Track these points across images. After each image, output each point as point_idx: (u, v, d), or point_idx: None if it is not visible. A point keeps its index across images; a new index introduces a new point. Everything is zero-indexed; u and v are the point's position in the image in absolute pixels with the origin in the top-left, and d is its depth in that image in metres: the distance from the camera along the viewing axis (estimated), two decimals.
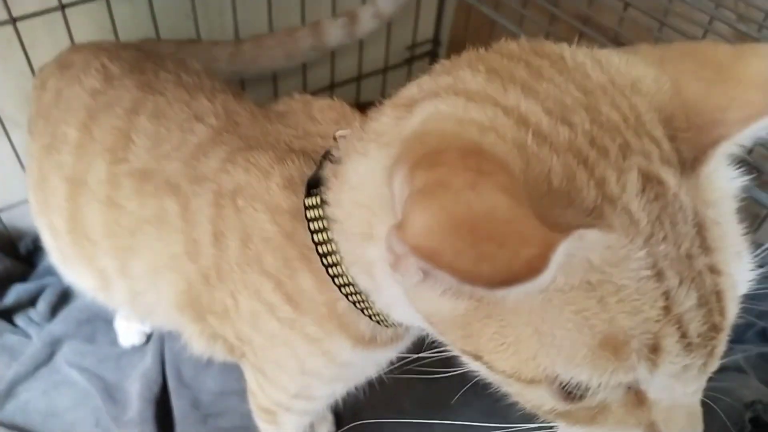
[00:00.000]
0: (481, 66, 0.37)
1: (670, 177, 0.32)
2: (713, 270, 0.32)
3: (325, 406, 0.72)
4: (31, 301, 1.07)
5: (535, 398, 0.36)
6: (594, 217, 0.30)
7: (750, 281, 0.34)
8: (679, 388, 0.34)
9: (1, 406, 0.95)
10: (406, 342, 0.58)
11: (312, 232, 0.47)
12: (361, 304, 0.48)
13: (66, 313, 1.07)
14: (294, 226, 0.50)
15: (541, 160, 0.31)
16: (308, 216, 0.47)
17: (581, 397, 0.34)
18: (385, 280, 0.42)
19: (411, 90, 0.40)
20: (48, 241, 0.75)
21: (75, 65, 0.72)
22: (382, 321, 0.50)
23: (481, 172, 0.28)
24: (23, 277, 1.10)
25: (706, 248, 0.32)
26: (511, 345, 0.33)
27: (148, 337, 1.05)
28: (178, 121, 0.62)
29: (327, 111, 0.60)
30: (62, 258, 0.74)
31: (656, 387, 0.34)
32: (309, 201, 0.47)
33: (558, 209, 0.30)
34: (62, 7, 0.90)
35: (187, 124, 0.61)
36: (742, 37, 0.88)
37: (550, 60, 0.36)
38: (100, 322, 1.07)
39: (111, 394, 0.97)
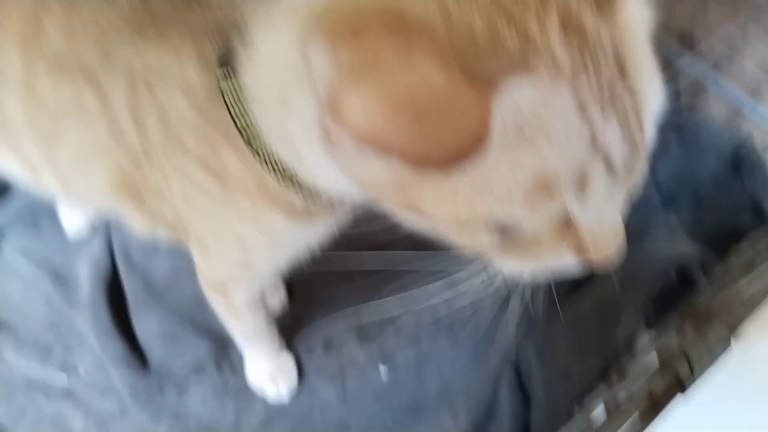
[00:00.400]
0: None
1: (588, 19, 0.32)
2: (631, 91, 0.33)
3: (272, 274, 0.72)
4: None
5: (471, 237, 0.37)
6: (520, 66, 0.31)
7: (662, 101, 0.36)
8: (604, 210, 0.36)
9: None
10: (344, 210, 0.58)
11: (228, 107, 0.46)
12: (286, 177, 0.48)
13: (6, 205, 1.05)
14: (212, 104, 0.48)
15: (464, 19, 0.30)
16: (222, 90, 0.46)
17: (515, 230, 0.36)
18: (310, 152, 0.41)
19: None
20: None
21: None
22: (311, 193, 0.50)
23: (409, 41, 0.28)
24: None
25: (623, 72, 0.33)
26: (449, 194, 0.34)
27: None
28: (92, 1, 0.58)
29: None
30: None
31: (583, 213, 0.36)
32: (221, 74, 0.46)
33: (484, 63, 0.30)
34: None
35: (101, 5, 0.58)
36: None
37: None
38: (42, 211, 1.05)
39: (60, 277, 0.98)
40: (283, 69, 0.39)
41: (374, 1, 0.31)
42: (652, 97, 0.35)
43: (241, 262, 0.65)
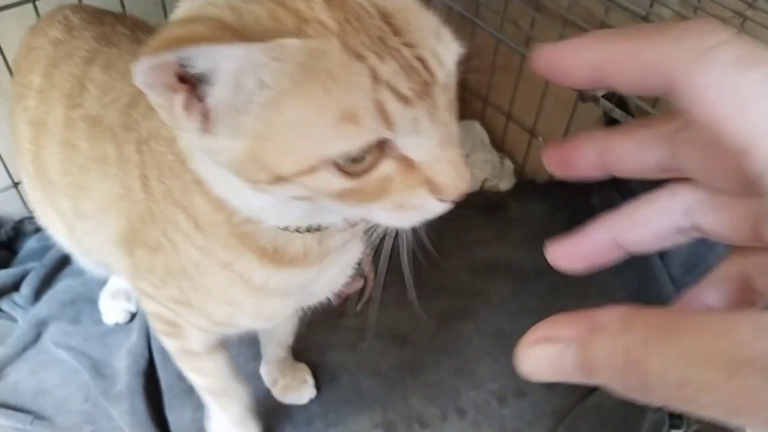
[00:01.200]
0: None
1: None
2: (408, 45, 0.40)
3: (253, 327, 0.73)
4: (15, 286, 1.10)
5: (325, 184, 0.41)
6: (295, 33, 0.38)
7: (449, 55, 0.42)
8: (426, 142, 0.41)
9: None
10: (322, 261, 0.60)
11: None
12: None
13: (50, 296, 1.10)
14: (186, 153, 0.54)
15: (250, 11, 0.39)
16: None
17: (360, 173, 0.41)
18: (201, 166, 0.50)
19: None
20: (26, 188, 0.81)
21: (43, 20, 0.78)
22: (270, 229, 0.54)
23: (195, 23, 0.38)
24: (5, 264, 1.13)
25: (396, 31, 0.40)
26: (288, 151, 0.40)
27: (132, 316, 1.09)
28: (124, 73, 0.66)
29: None
30: (36, 202, 0.80)
31: (411, 147, 0.41)
32: None
33: (265, 35, 0.38)
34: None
35: (129, 76, 0.66)
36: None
37: None
38: (83, 303, 1.10)
39: (99, 370, 1.01)
40: None
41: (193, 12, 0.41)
42: (442, 51, 0.41)
43: (222, 321, 0.66)
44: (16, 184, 1.13)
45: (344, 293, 1.10)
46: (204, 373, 0.78)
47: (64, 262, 1.14)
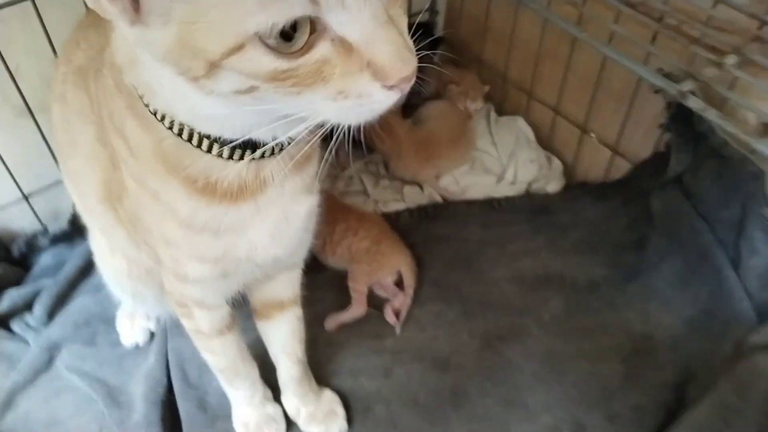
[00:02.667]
0: None
1: None
2: None
3: (221, 297, 0.72)
4: (27, 306, 1.04)
5: (255, 65, 0.40)
6: None
7: None
8: (356, 17, 0.40)
9: (0, 418, 0.91)
10: (257, 197, 0.58)
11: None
12: (198, 135, 0.52)
13: (63, 317, 1.03)
14: (122, 77, 0.53)
15: None
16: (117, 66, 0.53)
17: (293, 54, 0.40)
18: (159, 80, 0.48)
19: None
20: None
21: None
22: (202, 140, 0.52)
23: None
24: (18, 281, 1.07)
25: None
26: (213, 29, 0.39)
27: (151, 335, 1.02)
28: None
29: None
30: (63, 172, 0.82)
31: (344, 25, 0.40)
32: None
33: None
34: None
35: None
36: None
37: None
38: (99, 323, 1.03)
39: (114, 397, 0.94)
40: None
41: None
42: None
43: (172, 268, 0.66)
44: (26, 197, 1.07)
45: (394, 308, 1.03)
46: (214, 353, 0.80)
47: (79, 278, 1.08)
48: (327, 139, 0.49)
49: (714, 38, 0.84)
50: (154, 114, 0.52)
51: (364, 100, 0.43)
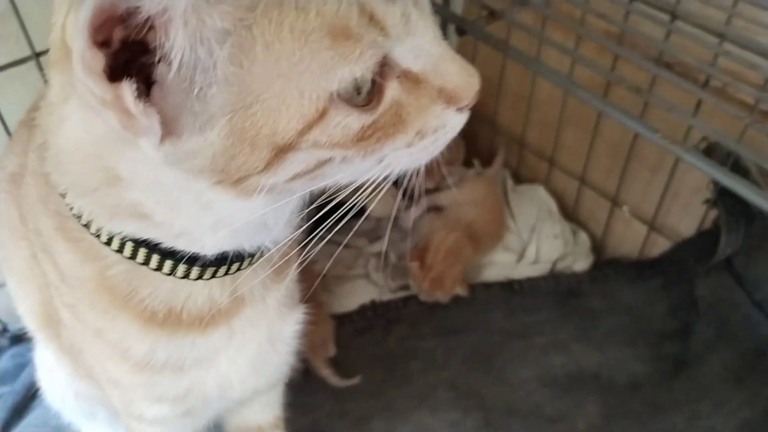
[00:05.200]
0: None
1: None
2: None
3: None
4: None
5: (342, 129, 0.36)
6: None
7: None
8: (420, 42, 0.37)
9: None
10: (231, 320, 0.49)
11: (63, 197, 0.43)
12: (157, 257, 0.43)
13: (21, 429, 0.90)
14: (48, 190, 0.45)
15: None
16: (53, 183, 0.43)
17: (369, 101, 0.36)
18: (166, 197, 0.40)
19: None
20: None
21: None
22: (182, 259, 0.43)
23: None
24: None
25: None
26: (282, 104, 0.34)
27: None
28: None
29: None
30: None
31: (410, 56, 0.37)
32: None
33: None
34: (36, 56, 0.80)
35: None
36: None
37: None
38: None
39: None
40: (94, 146, 0.38)
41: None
42: None
43: (125, 411, 0.54)
44: None
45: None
46: None
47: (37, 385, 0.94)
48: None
49: None
50: (97, 235, 0.42)
51: (440, 132, 0.40)
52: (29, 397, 0.93)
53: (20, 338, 0.98)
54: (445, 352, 0.98)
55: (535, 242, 1.11)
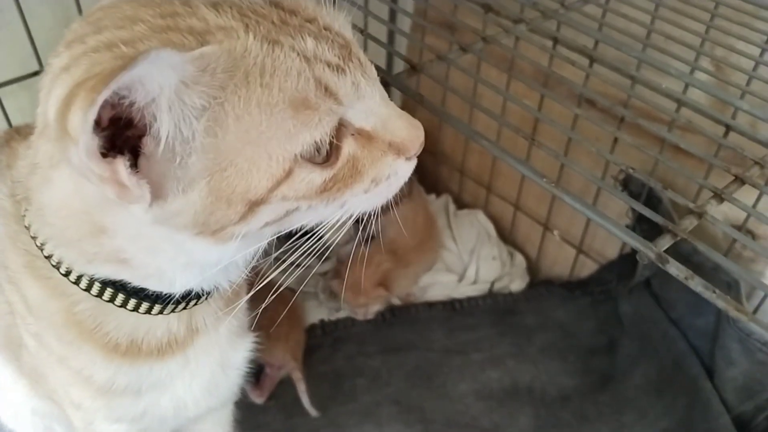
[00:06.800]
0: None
1: None
2: (308, 20, 0.41)
3: None
4: None
5: (305, 184, 0.40)
6: (204, 43, 0.37)
7: (346, 23, 0.44)
8: (369, 104, 0.42)
9: None
10: (186, 349, 0.53)
11: (34, 239, 0.47)
12: (123, 296, 0.48)
13: None
14: (18, 231, 0.49)
15: (145, 44, 0.37)
16: (27, 225, 0.47)
17: (329, 158, 0.41)
18: (148, 244, 0.43)
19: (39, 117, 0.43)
20: None
21: None
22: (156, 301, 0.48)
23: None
24: None
25: (291, 12, 0.41)
26: (253, 167, 0.38)
27: None
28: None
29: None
30: None
31: (361, 116, 0.42)
32: (23, 214, 0.48)
33: None
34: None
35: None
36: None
37: None
38: None
39: None
40: (83, 204, 0.42)
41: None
42: (323, 12, 0.43)
43: (86, 429, 0.57)
44: None
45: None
46: None
47: None
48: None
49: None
50: (66, 275, 0.47)
51: (392, 179, 0.45)
52: None
53: None
54: (389, 369, 1.03)
55: (475, 264, 1.18)
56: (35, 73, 0.85)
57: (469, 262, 1.19)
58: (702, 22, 0.83)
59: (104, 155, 0.34)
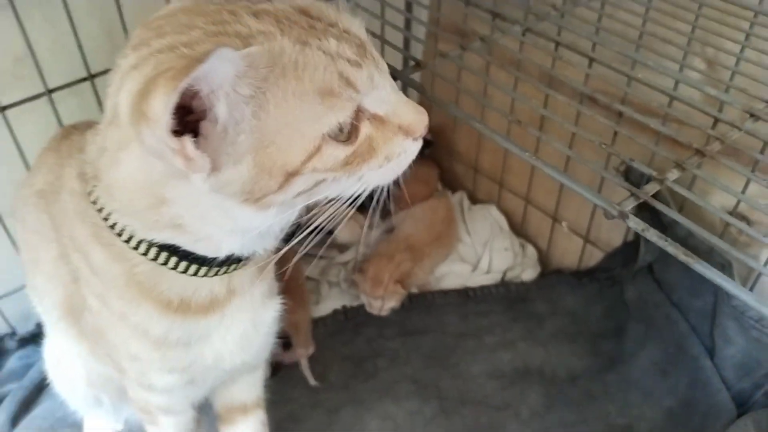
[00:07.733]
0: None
1: (265, 6, 0.48)
2: (331, 25, 0.48)
3: (187, 403, 0.73)
4: None
5: (331, 158, 0.48)
6: (247, 45, 0.44)
7: (361, 26, 0.51)
8: (382, 94, 0.50)
9: None
10: (224, 307, 0.61)
11: (100, 211, 0.55)
12: (175, 259, 0.55)
13: (27, 422, 1.00)
14: (85, 206, 0.56)
15: (201, 46, 0.45)
16: (93, 201, 0.55)
17: (349, 137, 0.48)
18: (201, 211, 0.51)
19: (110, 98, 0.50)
20: None
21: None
22: (203, 265, 0.56)
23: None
24: None
25: (317, 18, 0.48)
26: (290, 144, 0.46)
27: None
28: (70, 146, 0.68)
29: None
30: None
31: (376, 104, 0.50)
32: (90, 191, 0.56)
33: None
34: (48, 92, 0.92)
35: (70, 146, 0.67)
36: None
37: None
38: (64, 428, 0.99)
39: None
40: (146, 177, 0.49)
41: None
42: (343, 18, 0.50)
43: (137, 380, 0.67)
44: None
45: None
46: None
47: (45, 381, 1.04)
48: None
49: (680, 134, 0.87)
50: (127, 242, 0.54)
51: (402, 156, 0.52)
52: (36, 392, 1.03)
53: (27, 341, 1.09)
54: (407, 350, 1.10)
55: (488, 255, 1.25)
56: (83, 79, 0.93)
57: (482, 253, 1.26)
58: (688, 23, 0.90)
59: (175, 134, 0.41)
